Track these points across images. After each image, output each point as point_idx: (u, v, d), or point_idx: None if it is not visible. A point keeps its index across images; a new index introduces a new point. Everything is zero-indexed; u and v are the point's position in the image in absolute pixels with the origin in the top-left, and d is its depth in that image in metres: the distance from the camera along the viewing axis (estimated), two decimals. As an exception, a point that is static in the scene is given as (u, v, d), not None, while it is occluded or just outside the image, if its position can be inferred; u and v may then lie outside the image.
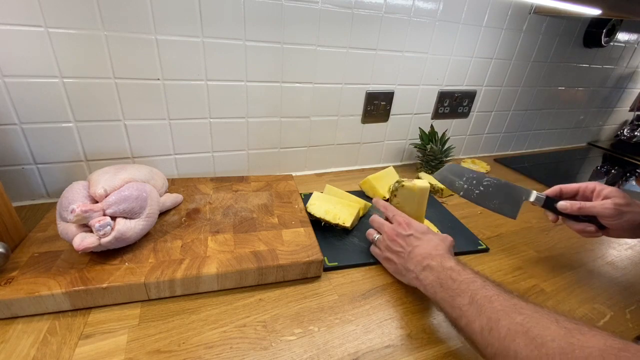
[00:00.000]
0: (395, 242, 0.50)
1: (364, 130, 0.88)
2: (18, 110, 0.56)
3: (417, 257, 0.46)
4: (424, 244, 0.48)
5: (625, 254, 0.65)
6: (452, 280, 0.40)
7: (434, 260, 0.44)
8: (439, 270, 0.42)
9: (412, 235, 0.49)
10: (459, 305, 0.37)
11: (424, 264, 0.45)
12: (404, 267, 0.48)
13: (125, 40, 0.58)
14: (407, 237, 0.50)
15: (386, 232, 0.52)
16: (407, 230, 0.50)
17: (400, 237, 0.50)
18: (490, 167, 1.02)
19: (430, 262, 0.44)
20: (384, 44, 0.78)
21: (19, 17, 0.51)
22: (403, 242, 0.50)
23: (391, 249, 0.51)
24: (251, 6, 0.63)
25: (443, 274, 0.42)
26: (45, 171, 0.63)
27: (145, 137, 0.67)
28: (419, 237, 0.49)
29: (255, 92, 0.71)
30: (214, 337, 0.41)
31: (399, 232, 0.51)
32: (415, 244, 0.48)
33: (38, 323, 0.41)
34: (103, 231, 0.44)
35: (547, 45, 1.00)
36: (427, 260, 0.45)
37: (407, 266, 0.48)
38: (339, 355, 0.41)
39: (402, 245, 0.49)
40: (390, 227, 0.52)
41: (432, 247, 0.47)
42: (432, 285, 0.42)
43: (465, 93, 0.96)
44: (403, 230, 0.50)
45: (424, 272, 0.44)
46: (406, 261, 0.48)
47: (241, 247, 0.52)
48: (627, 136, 1.35)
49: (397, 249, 0.50)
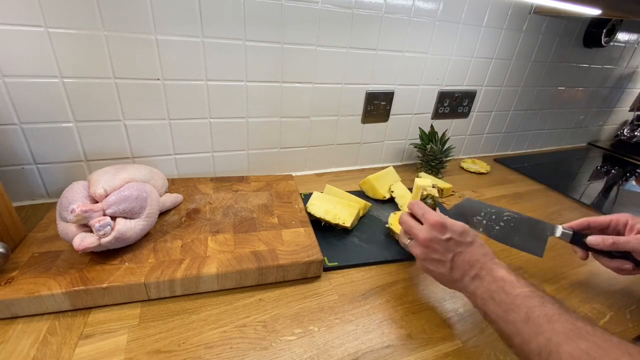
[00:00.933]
0: (432, 248, 0.43)
1: (364, 130, 0.88)
2: (18, 110, 0.56)
3: (463, 265, 0.41)
4: (467, 248, 0.42)
5: (625, 254, 0.65)
6: (506, 294, 0.36)
7: (483, 268, 0.39)
8: (490, 281, 0.38)
9: (452, 240, 0.42)
10: (513, 321, 0.34)
11: (472, 274, 0.40)
12: (448, 277, 0.43)
13: (125, 40, 0.58)
14: (447, 241, 0.42)
15: (418, 238, 0.44)
16: (444, 233, 0.42)
17: (437, 243, 0.43)
18: (490, 167, 1.02)
19: (480, 272, 0.39)
20: (384, 44, 0.78)
21: (19, 17, 0.51)
22: (441, 248, 0.42)
23: (429, 257, 0.44)
24: (251, 6, 0.63)
25: (494, 285, 0.37)
26: (45, 171, 0.63)
27: (145, 137, 0.67)
28: (460, 242, 0.42)
29: (255, 92, 0.71)
30: (214, 337, 0.41)
31: (434, 236, 0.43)
32: (458, 250, 0.42)
33: (38, 323, 0.41)
34: (103, 231, 0.44)
35: (547, 45, 1.00)
36: (474, 270, 0.40)
37: (452, 276, 0.42)
38: (339, 355, 0.41)
39: (441, 252, 0.42)
40: (423, 231, 0.44)
41: (477, 253, 0.41)
42: (483, 297, 0.38)
43: (465, 93, 0.96)
44: (439, 234, 0.43)
45: (473, 283, 0.40)
46: (451, 271, 0.42)
47: (241, 247, 0.52)
48: (627, 136, 1.35)
49: (435, 256, 0.43)
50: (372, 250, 0.59)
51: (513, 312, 0.34)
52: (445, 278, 0.43)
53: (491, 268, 0.39)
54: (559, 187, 0.93)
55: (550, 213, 0.80)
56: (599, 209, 0.84)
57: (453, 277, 0.42)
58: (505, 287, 0.36)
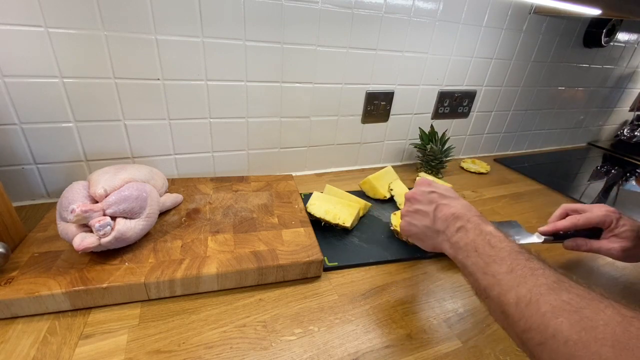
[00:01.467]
0: (415, 200, 0.45)
1: (364, 130, 0.88)
2: (18, 110, 0.56)
3: (447, 216, 0.41)
4: (451, 202, 0.42)
5: (625, 254, 0.65)
6: (491, 247, 0.35)
7: (470, 222, 0.39)
8: (476, 233, 0.37)
9: (435, 192, 0.44)
10: (493, 272, 0.33)
11: (457, 226, 0.39)
12: (430, 228, 0.43)
13: (125, 40, 0.58)
14: (429, 193, 0.44)
15: (406, 197, 0.47)
16: (428, 187, 0.45)
17: (420, 195, 0.45)
18: (490, 167, 1.02)
19: (466, 224, 0.39)
20: (384, 44, 0.78)
21: (19, 17, 0.51)
22: (424, 199, 0.44)
23: (412, 209, 0.45)
24: (251, 6, 0.63)
25: (480, 238, 0.36)
26: (45, 171, 0.63)
27: (145, 137, 0.67)
28: (444, 195, 0.43)
29: (255, 92, 0.71)
30: (214, 337, 0.41)
31: (420, 189, 0.45)
32: (441, 202, 0.42)
33: (38, 323, 0.41)
34: (103, 231, 0.44)
35: (547, 45, 1.00)
36: (460, 222, 0.39)
37: (435, 227, 0.42)
38: (339, 355, 0.41)
39: (424, 204, 0.44)
40: (411, 191, 0.47)
41: (462, 207, 0.41)
42: (465, 249, 0.37)
43: (465, 93, 0.96)
44: (425, 188, 0.45)
45: (457, 234, 0.39)
46: (433, 221, 0.42)
47: (241, 247, 0.52)
48: (627, 136, 1.35)
49: (418, 206, 0.44)
50: (372, 250, 0.59)
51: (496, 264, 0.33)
52: (428, 232, 0.43)
53: (479, 223, 0.38)
54: (559, 187, 0.93)
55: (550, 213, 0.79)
56: (599, 209, 0.84)
57: (436, 228, 0.42)
58: (492, 241, 0.36)
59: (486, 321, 0.47)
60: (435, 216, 0.42)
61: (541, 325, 0.27)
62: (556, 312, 0.27)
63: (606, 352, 0.23)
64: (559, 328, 0.26)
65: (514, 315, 0.30)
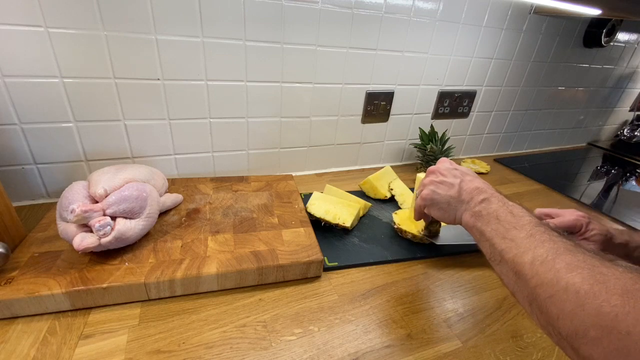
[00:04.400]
0: (441, 173, 0.47)
1: (364, 130, 0.88)
2: (18, 110, 0.56)
3: (472, 189, 0.43)
4: (475, 179, 0.45)
5: (625, 254, 0.65)
6: (512, 215, 0.36)
7: (494, 196, 0.41)
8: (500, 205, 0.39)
9: (458, 170, 0.47)
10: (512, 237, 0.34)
11: (481, 198, 0.41)
12: (454, 198, 0.44)
13: (125, 40, 0.58)
14: (454, 170, 0.47)
15: (430, 170, 0.49)
16: (451, 165, 0.48)
17: (445, 170, 0.47)
18: (490, 167, 1.02)
19: (490, 197, 0.40)
20: (384, 44, 0.78)
21: (19, 17, 0.51)
22: (450, 173, 0.46)
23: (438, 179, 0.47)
24: (251, 6, 0.63)
25: (504, 208, 0.38)
26: (45, 171, 0.63)
27: (145, 137, 0.67)
28: (466, 173, 0.46)
29: (255, 92, 0.71)
30: (214, 337, 0.41)
31: (444, 166, 0.48)
32: (466, 178, 0.45)
33: (38, 323, 0.41)
34: (103, 231, 0.44)
35: (547, 45, 1.00)
36: (484, 195, 0.41)
37: (460, 197, 0.44)
38: (339, 355, 0.41)
39: (450, 177, 0.46)
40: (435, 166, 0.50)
41: (485, 185, 0.43)
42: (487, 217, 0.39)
43: (465, 93, 0.96)
44: (448, 165, 0.48)
45: (480, 204, 0.41)
46: (459, 192, 0.44)
47: (241, 247, 0.52)
48: (627, 136, 1.35)
49: (443, 178, 0.46)
50: (372, 250, 0.59)
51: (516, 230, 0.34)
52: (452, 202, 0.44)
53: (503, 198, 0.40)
54: (559, 187, 0.93)
55: (550, 213, 0.80)
56: (599, 209, 0.84)
57: (461, 199, 0.43)
58: (514, 211, 0.37)
59: (486, 321, 0.47)
60: (460, 188, 0.44)
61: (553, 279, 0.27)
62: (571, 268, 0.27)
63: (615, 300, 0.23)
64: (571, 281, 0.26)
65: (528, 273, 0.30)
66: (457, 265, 0.58)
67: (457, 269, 0.57)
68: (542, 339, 0.45)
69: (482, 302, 0.51)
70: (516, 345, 0.44)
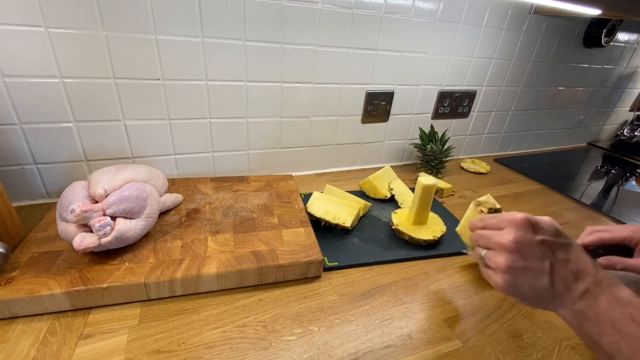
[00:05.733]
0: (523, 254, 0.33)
1: (364, 130, 0.88)
2: (18, 110, 0.56)
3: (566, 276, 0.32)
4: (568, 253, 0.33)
5: (625, 254, 0.65)
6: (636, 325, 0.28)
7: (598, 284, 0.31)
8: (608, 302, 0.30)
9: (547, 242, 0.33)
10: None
11: (581, 289, 0.31)
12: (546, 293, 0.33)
13: (125, 40, 0.58)
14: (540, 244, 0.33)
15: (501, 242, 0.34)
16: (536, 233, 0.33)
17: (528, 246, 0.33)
18: (490, 167, 1.02)
19: (592, 288, 0.31)
20: (384, 44, 0.78)
21: (19, 17, 0.51)
22: (535, 253, 0.33)
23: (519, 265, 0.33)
24: (251, 6, 0.63)
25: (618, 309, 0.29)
26: (45, 171, 0.63)
27: (145, 137, 0.67)
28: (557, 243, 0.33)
29: (255, 92, 0.71)
30: (214, 337, 0.41)
31: (523, 236, 0.33)
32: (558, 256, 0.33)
33: (38, 323, 0.41)
34: (103, 231, 0.44)
35: (547, 45, 1.00)
36: (583, 283, 0.31)
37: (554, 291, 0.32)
38: (339, 355, 0.41)
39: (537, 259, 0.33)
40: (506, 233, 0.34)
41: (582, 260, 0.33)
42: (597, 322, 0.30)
43: (465, 93, 0.96)
44: (529, 234, 0.33)
45: (582, 300, 0.31)
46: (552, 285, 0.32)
47: (241, 247, 0.52)
48: (627, 136, 1.35)
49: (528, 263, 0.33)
50: (372, 250, 0.59)
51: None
52: (542, 295, 0.33)
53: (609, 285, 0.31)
54: (559, 187, 0.93)
55: (550, 213, 0.80)
56: (599, 209, 0.84)
57: (554, 293, 0.32)
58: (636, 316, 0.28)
59: (486, 321, 0.47)
60: (552, 277, 0.32)
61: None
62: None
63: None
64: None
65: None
66: (457, 265, 0.58)
67: (457, 269, 0.57)
68: (542, 339, 0.45)
69: (482, 302, 0.51)
70: (516, 345, 0.44)
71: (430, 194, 0.59)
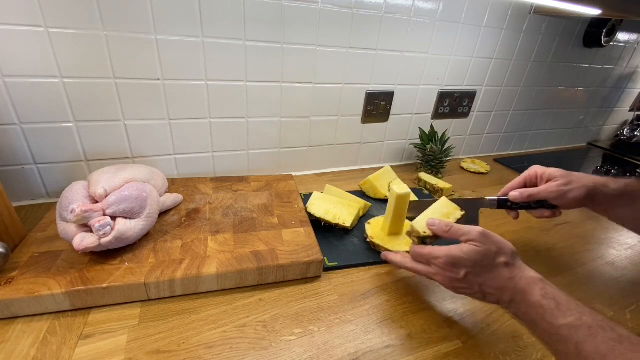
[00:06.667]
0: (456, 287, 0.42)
1: (364, 130, 0.88)
2: (18, 110, 0.56)
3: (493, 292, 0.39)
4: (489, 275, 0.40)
5: (625, 254, 0.65)
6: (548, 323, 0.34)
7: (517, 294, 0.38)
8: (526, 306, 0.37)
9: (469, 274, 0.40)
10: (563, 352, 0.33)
11: (506, 299, 0.39)
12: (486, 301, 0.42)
13: (125, 40, 0.58)
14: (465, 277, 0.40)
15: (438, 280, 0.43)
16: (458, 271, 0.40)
17: (457, 282, 0.41)
18: (490, 167, 1.02)
19: (514, 297, 0.38)
20: (384, 44, 0.78)
21: (19, 17, 0.51)
22: (464, 284, 0.41)
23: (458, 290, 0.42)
24: (251, 6, 0.63)
25: (533, 312, 0.36)
26: (45, 171, 0.63)
27: (145, 137, 0.67)
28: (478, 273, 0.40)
29: (255, 92, 0.71)
30: (214, 337, 0.41)
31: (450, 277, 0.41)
32: (480, 280, 0.40)
33: (38, 323, 0.41)
34: (103, 231, 0.44)
35: (547, 45, 1.00)
36: (507, 295, 0.38)
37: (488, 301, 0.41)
38: (339, 355, 0.41)
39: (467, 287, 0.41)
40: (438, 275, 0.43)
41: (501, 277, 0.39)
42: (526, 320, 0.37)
43: (465, 93, 0.96)
44: (453, 274, 0.41)
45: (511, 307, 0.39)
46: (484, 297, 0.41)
47: (241, 247, 0.52)
48: (627, 136, 1.35)
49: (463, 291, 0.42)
50: (372, 250, 0.59)
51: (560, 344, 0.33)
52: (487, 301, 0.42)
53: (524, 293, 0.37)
54: (559, 187, 0.93)
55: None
56: (599, 209, 0.83)
57: (490, 302, 0.41)
58: (546, 317, 0.35)
59: (486, 321, 0.47)
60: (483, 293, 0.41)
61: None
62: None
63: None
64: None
65: None
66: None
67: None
68: (542, 339, 0.45)
69: (482, 302, 0.51)
70: (516, 345, 0.44)
71: (405, 203, 0.55)
